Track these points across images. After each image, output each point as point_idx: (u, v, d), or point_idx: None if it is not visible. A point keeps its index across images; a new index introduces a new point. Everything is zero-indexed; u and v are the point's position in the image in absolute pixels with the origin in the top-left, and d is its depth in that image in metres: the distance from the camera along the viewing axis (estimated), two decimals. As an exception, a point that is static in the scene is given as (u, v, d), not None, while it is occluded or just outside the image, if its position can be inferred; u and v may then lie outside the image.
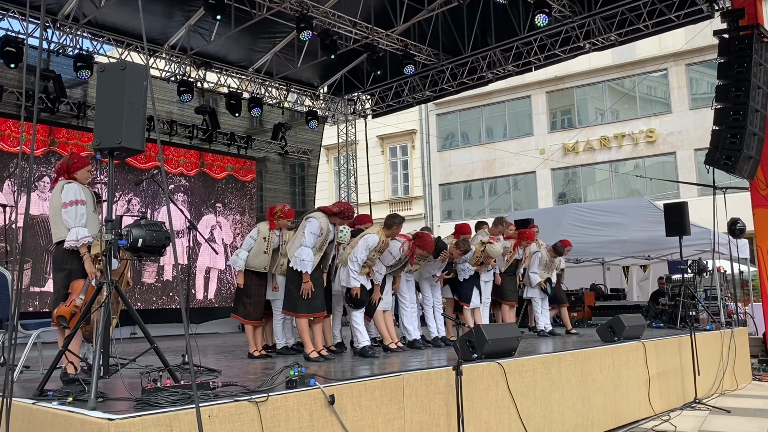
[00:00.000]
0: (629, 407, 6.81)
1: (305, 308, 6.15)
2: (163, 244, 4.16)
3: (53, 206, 4.86)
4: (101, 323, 3.92)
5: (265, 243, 6.76)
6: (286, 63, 13.82)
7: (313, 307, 6.20)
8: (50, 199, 4.97)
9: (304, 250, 6.09)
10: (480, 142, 25.38)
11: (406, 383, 4.52)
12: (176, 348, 7.34)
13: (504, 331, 5.77)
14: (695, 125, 21.05)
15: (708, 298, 11.74)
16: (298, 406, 3.81)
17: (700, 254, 11.69)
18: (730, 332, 9.12)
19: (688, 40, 18.69)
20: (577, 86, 23.56)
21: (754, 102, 9.56)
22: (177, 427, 3.26)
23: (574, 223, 13.62)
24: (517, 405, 5.31)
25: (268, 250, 6.78)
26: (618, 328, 7.25)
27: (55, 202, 4.84)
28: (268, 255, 6.77)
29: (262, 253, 6.74)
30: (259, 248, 6.73)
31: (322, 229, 6.19)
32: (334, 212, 6.33)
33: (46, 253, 11.77)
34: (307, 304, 6.14)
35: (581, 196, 23.09)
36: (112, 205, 4.13)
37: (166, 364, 4.15)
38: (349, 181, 16.96)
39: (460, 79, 13.91)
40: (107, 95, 3.99)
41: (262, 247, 6.75)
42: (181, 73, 13.09)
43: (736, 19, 10.00)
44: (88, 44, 11.87)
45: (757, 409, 7.35)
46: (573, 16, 11.62)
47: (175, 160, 13.81)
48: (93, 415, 3.24)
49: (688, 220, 9.83)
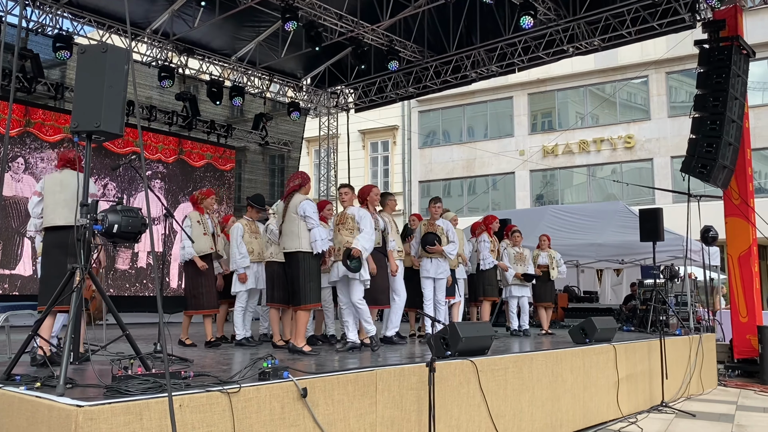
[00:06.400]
0: (598, 408, 6.90)
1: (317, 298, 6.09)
2: (138, 231, 4.12)
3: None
4: (72, 309, 3.86)
5: (200, 226, 7.03)
6: (269, 53, 13.72)
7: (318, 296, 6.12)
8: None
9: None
10: (461, 141, 25.46)
11: (380, 378, 4.53)
12: (148, 336, 7.29)
13: (478, 329, 5.81)
14: (673, 133, 21.34)
15: (678, 304, 11.94)
16: (270, 398, 3.80)
17: (673, 260, 11.88)
18: (698, 338, 9.28)
19: (669, 48, 18.93)
20: (559, 89, 23.74)
21: (731, 112, 9.72)
22: (147, 415, 3.23)
23: (551, 225, 13.73)
24: (487, 403, 5.35)
25: (207, 231, 7.08)
26: (590, 330, 7.33)
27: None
28: (208, 236, 7.07)
29: (203, 236, 7.00)
30: (198, 232, 6.96)
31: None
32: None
33: (17, 235, 11.57)
34: (318, 293, 6.10)
35: (558, 199, 23.30)
36: (87, 189, 4.08)
37: (138, 351, 4.11)
38: (329, 175, 16.91)
39: (443, 77, 13.94)
40: (87, 77, 3.92)
41: (200, 231, 7.00)
42: (163, 59, 12.93)
43: (716, 30, 10.16)
44: (68, 24, 11.67)
45: (721, 414, 7.50)
46: (558, 20, 11.69)
47: (153, 146, 13.66)
48: (61, 401, 3.19)
49: (662, 226, 9.98)
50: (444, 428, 4.92)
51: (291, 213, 5.92)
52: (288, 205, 5.98)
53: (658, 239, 9.90)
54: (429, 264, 7.76)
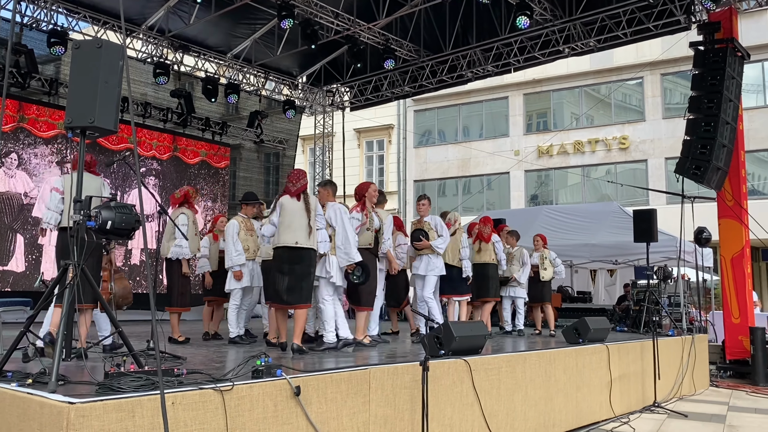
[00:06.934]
0: (590, 408, 6.92)
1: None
2: (132, 228, 4.10)
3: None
4: (64, 306, 3.85)
5: (194, 227, 7.09)
6: (265, 50, 13.69)
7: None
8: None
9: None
10: (456, 141, 25.48)
11: (373, 377, 4.53)
12: (140, 333, 7.28)
13: (472, 328, 5.81)
14: (667, 134, 21.41)
15: (671, 305, 11.97)
16: (263, 395, 3.79)
17: (666, 261, 11.92)
18: (691, 339, 9.32)
19: (664, 50, 19.00)
20: (554, 90, 23.78)
21: (725, 114, 9.75)
22: (139, 413, 3.22)
23: (545, 225, 13.76)
24: (481, 402, 5.36)
25: (197, 232, 7.19)
26: (583, 330, 7.35)
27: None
28: (198, 237, 7.18)
29: (194, 236, 7.08)
30: (191, 233, 7.00)
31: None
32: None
33: (10, 231, 11.51)
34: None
35: (553, 199, 23.34)
36: (81, 185, 4.06)
37: (131, 349, 4.10)
38: (324, 173, 16.89)
39: (439, 76, 13.94)
40: (82, 73, 3.90)
41: (193, 231, 7.05)
42: (158, 55, 12.88)
43: (711, 32, 10.18)
44: (63, 20, 11.62)
45: (713, 415, 7.53)
46: (554, 20, 11.71)
47: (147, 143, 13.61)
48: (53, 398, 3.18)
49: (656, 227, 10.01)
50: (437, 427, 4.92)
51: (309, 210, 5.82)
52: (306, 202, 5.87)
53: (652, 240, 9.93)
54: (419, 262, 7.75)
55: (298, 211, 5.80)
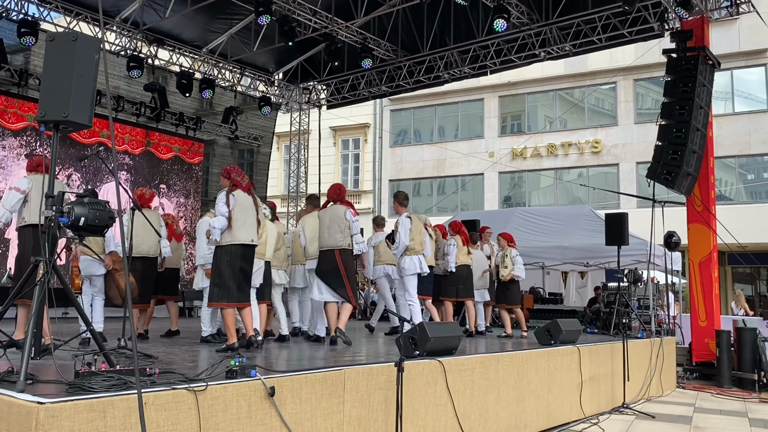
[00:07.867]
0: (561, 409, 7.00)
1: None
2: (106, 224, 4.02)
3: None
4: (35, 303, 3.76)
5: (149, 226, 6.97)
6: (241, 46, 13.58)
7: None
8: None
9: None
10: (432, 141, 25.57)
11: (348, 377, 4.52)
12: (112, 331, 7.14)
13: (446, 329, 5.83)
14: (639, 139, 21.74)
15: (641, 307, 12.16)
16: (237, 396, 3.75)
17: (636, 264, 12.10)
18: (659, 341, 9.48)
19: (637, 56, 19.29)
20: (529, 93, 23.99)
21: (696, 121, 9.94)
22: (111, 413, 3.16)
23: (518, 226, 13.88)
24: (454, 403, 5.38)
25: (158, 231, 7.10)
26: (555, 331, 7.42)
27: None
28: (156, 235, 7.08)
29: (148, 234, 7.03)
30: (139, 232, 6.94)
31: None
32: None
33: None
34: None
35: (526, 201, 23.56)
36: (54, 180, 3.97)
37: (102, 347, 4.02)
38: (299, 171, 16.81)
39: (416, 77, 13.97)
40: (55, 66, 3.82)
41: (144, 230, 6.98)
42: (132, 48, 12.68)
43: (684, 40, 10.37)
44: (34, 10, 11.37)
45: (679, 416, 7.67)
46: (531, 24, 11.82)
47: (120, 137, 13.40)
48: (21, 397, 3.10)
49: (627, 231, 10.15)
50: (411, 428, 4.93)
51: (257, 206, 6.12)
52: (255, 197, 6.14)
53: (623, 243, 10.08)
54: (410, 261, 7.73)
55: (250, 208, 5.90)
